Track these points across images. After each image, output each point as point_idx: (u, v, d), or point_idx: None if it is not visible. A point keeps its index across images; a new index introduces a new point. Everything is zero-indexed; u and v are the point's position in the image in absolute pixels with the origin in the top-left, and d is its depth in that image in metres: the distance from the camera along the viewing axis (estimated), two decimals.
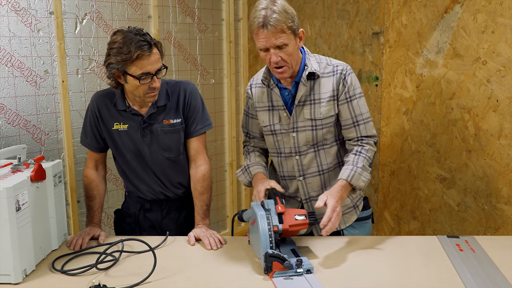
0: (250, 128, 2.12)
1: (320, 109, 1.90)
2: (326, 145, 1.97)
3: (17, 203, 1.56)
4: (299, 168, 1.99)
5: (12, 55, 2.66)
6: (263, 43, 1.77)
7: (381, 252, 1.80)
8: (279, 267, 1.58)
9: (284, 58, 1.79)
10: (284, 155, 2.01)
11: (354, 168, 1.84)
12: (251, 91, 2.05)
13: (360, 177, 1.84)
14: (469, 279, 1.56)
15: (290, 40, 1.77)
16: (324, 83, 1.90)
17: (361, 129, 1.94)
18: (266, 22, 1.72)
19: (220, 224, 3.95)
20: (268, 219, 1.64)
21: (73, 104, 2.93)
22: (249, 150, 2.14)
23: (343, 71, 1.90)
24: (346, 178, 1.83)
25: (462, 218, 2.70)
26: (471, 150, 2.60)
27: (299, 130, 1.94)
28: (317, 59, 1.93)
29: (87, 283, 1.56)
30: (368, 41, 3.03)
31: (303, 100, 1.91)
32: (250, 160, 2.07)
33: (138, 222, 2.16)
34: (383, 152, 3.05)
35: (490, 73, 2.47)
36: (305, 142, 1.95)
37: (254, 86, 2.05)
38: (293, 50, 1.80)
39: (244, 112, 2.13)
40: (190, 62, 3.52)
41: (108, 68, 1.87)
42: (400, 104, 2.92)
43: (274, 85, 1.94)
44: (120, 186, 3.19)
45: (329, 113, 1.91)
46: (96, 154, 2.10)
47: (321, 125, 1.92)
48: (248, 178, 2.02)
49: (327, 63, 1.93)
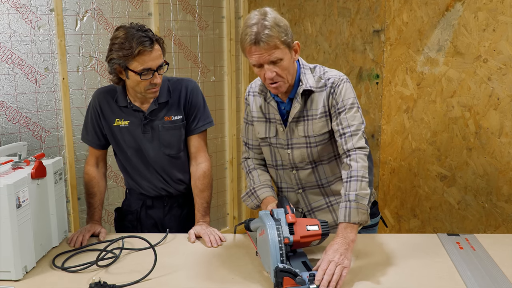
0: (250, 137, 2.01)
1: (313, 126, 1.82)
2: (323, 161, 1.89)
3: (18, 200, 1.56)
4: (297, 182, 1.92)
5: (13, 52, 2.65)
6: (256, 59, 1.67)
7: (381, 250, 1.80)
8: (290, 283, 1.44)
9: (279, 73, 1.70)
10: (282, 167, 1.94)
11: (347, 204, 1.65)
12: (249, 98, 1.97)
13: (358, 211, 1.63)
14: (469, 277, 1.56)
15: (284, 54, 1.68)
16: (316, 98, 1.81)
17: (347, 141, 1.75)
18: (258, 38, 1.62)
19: (220, 222, 3.95)
20: (278, 230, 1.52)
21: (73, 102, 2.93)
22: (249, 166, 2.02)
23: (333, 84, 1.79)
24: (343, 219, 1.63)
25: (463, 216, 2.70)
26: (472, 148, 2.60)
27: (294, 147, 1.87)
28: (313, 73, 1.83)
29: (88, 280, 1.56)
30: (369, 39, 3.03)
31: (297, 117, 1.83)
32: (255, 181, 1.96)
33: (139, 220, 2.16)
34: (383, 150, 3.05)
35: (491, 71, 2.47)
36: (301, 159, 1.87)
37: (252, 94, 1.96)
38: (288, 64, 1.71)
39: (244, 120, 2.03)
40: (191, 60, 3.52)
41: (110, 64, 1.88)
42: (400, 102, 2.91)
43: (271, 98, 1.85)
44: (120, 183, 3.19)
45: (322, 129, 1.82)
46: (97, 151, 2.11)
47: (315, 142, 1.84)
48: (256, 202, 1.92)
49: (320, 76, 1.82)
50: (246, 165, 2.04)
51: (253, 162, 2.03)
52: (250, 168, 2.02)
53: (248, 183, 1.99)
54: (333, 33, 3.23)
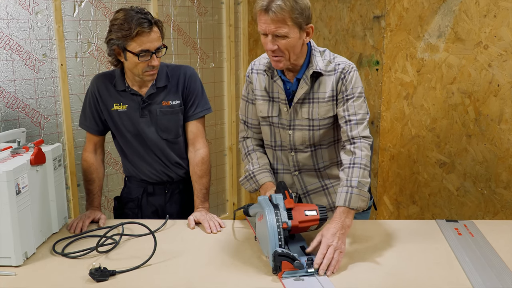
0: (249, 116, 1.99)
1: (318, 109, 1.81)
2: (323, 145, 1.89)
3: (17, 186, 1.56)
4: (294, 164, 1.92)
5: (11, 38, 2.64)
6: (262, 27, 1.67)
7: (379, 235, 1.80)
8: (288, 267, 1.46)
9: (282, 49, 1.68)
10: (280, 148, 1.93)
11: (349, 189, 1.65)
12: (252, 76, 1.95)
13: (359, 197, 1.65)
14: (468, 263, 1.57)
15: (292, 33, 1.65)
16: (324, 82, 1.80)
17: (353, 129, 1.76)
18: (269, 7, 1.61)
19: (220, 208, 3.96)
20: (277, 215, 1.53)
21: (72, 88, 2.91)
22: (248, 148, 2.00)
23: (344, 70, 1.79)
24: (343, 204, 1.64)
25: (461, 203, 2.71)
26: (471, 135, 2.60)
27: (296, 128, 1.86)
28: (323, 56, 1.82)
29: (88, 265, 1.56)
30: (369, 25, 3.01)
31: (302, 98, 1.81)
32: (254, 165, 1.94)
33: (140, 207, 2.16)
34: (383, 137, 3.05)
35: (491, 57, 2.46)
36: (302, 141, 1.87)
37: (255, 71, 1.93)
38: (293, 43, 1.67)
39: (243, 98, 2.00)
40: (190, 46, 3.50)
41: (108, 45, 1.90)
42: (400, 89, 2.91)
43: (278, 77, 1.83)
44: (120, 170, 3.20)
45: (327, 113, 1.82)
46: (95, 137, 2.10)
47: (318, 125, 1.83)
48: (255, 187, 1.92)
49: (330, 60, 1.81)
50: (245, 145, 2.02)
51: (252, 142, 2.01)
52: (249, 149, 2.00)
53: (247, 166, 1.97)
54: (333, 19, 3.21)
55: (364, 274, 1.52)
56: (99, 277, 1.47)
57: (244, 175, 1.96)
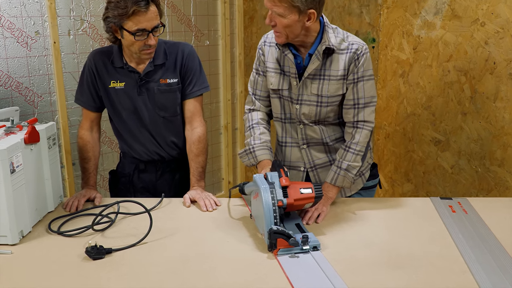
0: (258, 87, 1.98)
1: (328, 86, 1.82)
2: (327, 121, 1.91)
3: (12, 165, 1.56)
4: (303, 137, 1.93)
5: (2, 15, 2.59)
6: (265, 1, 1.69)
7: (374, 212, 1.82)
8: (284, 244, 1.49)
9: (278, 26, 1.70)
10: (290, 121, 1.95)
11: (337, 170, 1.84)
12: (264, 48, 1.93)
13: (344, 178, 1.84)
14: (461, 240, 1.59)
15: (290, 14, 1.66)
16: (336, 60, 1.80)
17: (359, 112, 1.83)
18: None
19: (215, 187, 3.98)
20: (272, 193, 1.54)
21: (65, 66, 2.88)
22: (253, 121, 1.98)
23: (357, 50, 1.79)
24: (330, 181, 1.86)
25: (456, 180, 2.73)
26: (467, 113, 2.60)
27: (303, 103, 1.87)
28: (335, 33, 1.82)
29: (84, 244, 1.57)
30: (365, 2, 2.98)
31: (312, 74, 1.82)
32: (255, 139, 1.93)
33: (132, 183, 2.17)
34: (378, 115, 3.05)
35: (488, 35, 2.44)
36: (308, 116, 1.88)
37: (268, 44, 1.92)
38: (290, 24, 1.68)
39: (254, 70, 1.98)
40: (184, 23, 3.46)
41: (105, 22, 1.88)
42: (396, 67, 2.89)
43: (289, 51, 1.82)
44: (115, 149, 3.19)
45: (337, 91, 1.83)
46: (91, 113, 2.09)
47: (326, 102, 1.85)
48: (253, 162, 1.92)
49: (343, 38, 1.81)
50: (250, 117, 2.00)
51: (258, 116, 1.99)
52: (253, 122, 1.99)
53: (248, 139, 1.96)
54: None
55: (359, 251, 1.54)
56: (95, 255, 1.48)
57: (244, 148, 1.96)
